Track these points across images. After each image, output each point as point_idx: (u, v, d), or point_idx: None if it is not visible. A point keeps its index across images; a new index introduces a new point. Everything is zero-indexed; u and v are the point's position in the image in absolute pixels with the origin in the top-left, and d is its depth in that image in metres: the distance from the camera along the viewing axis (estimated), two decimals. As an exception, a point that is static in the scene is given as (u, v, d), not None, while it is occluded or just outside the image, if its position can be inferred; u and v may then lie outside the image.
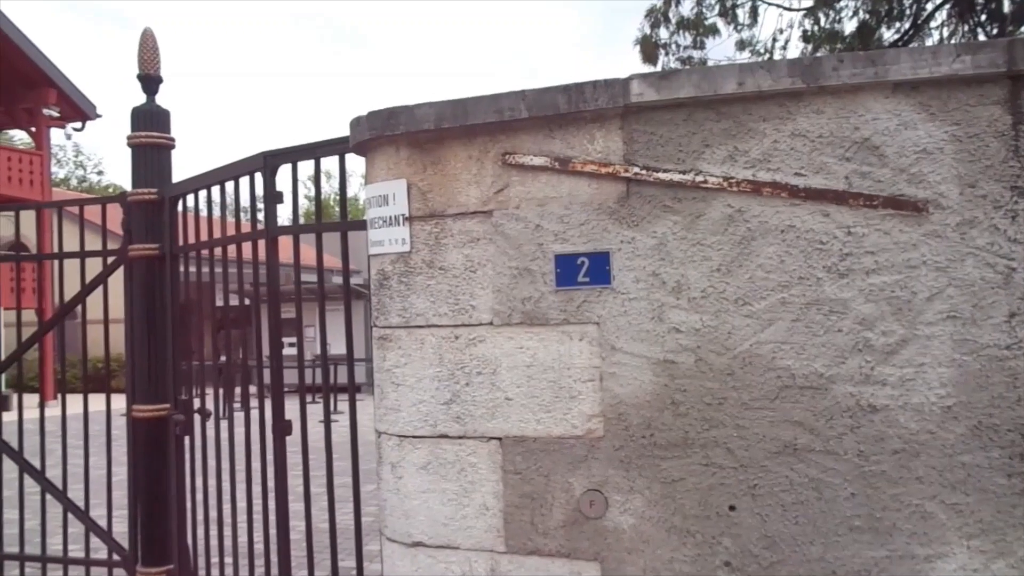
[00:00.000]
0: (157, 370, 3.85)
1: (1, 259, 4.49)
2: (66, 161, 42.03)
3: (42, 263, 3.72)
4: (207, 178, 3.59)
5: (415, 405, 2.24)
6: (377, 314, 2.36)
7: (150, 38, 3.95)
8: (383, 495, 2.34)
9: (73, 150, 42.68)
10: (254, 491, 3.26)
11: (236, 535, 3.34)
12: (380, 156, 2.33)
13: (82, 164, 44.25)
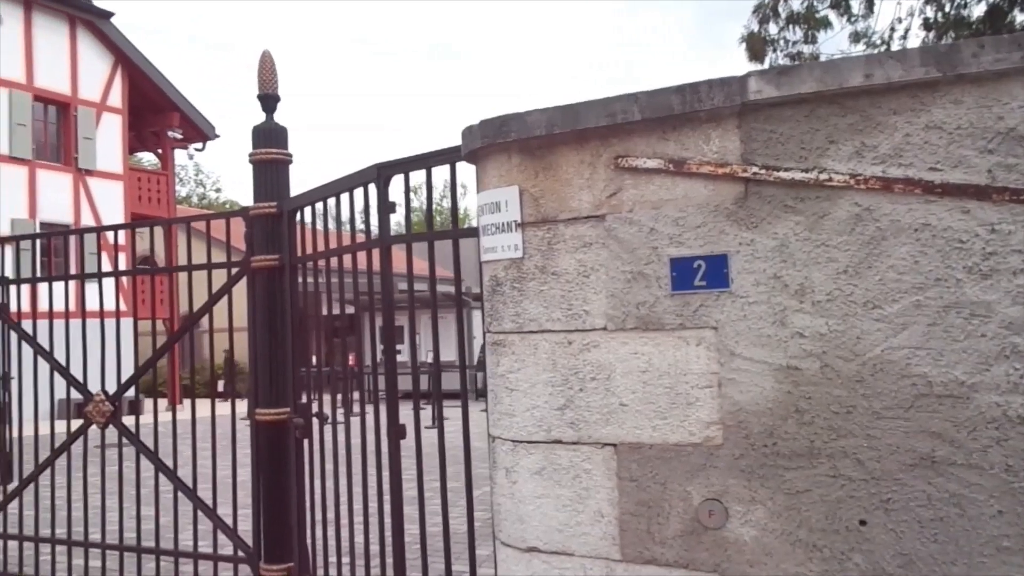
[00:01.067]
0: (278, 375, 4.02)
1: (137, 273, 4.80)
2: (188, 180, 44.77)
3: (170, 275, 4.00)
4: (323, 191, 3.72)
5: (529, 410, 2.25)
6: (490, 320, 2.38)
7: (268, 60, 4.14)
8: (497, 499, 2.35)
9: (194, 169, 45.43)
10: (369, 493, 3.36)
11: (352, 536, 3.44)
12: (492, 163, 2.35)
13: (202, 182, 47.05)
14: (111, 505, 4.73)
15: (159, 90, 18.91)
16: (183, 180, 43.48)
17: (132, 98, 18.65)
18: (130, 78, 18.46)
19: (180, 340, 4.91)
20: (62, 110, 17.25)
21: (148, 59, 18.69)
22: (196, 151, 21.42)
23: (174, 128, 19.87)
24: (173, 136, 20.21)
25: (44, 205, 16.56)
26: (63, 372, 4.76)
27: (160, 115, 19.50)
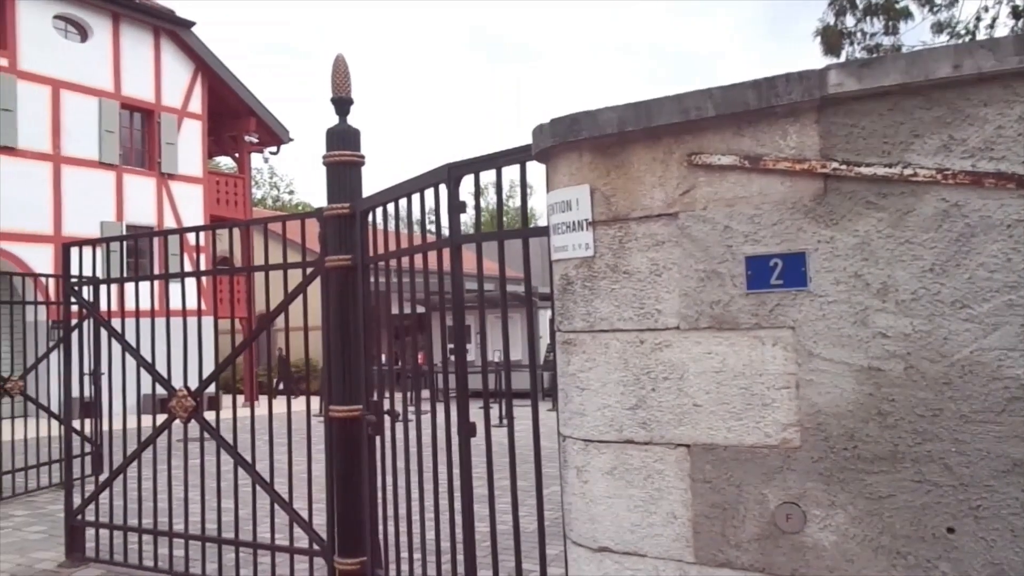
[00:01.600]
0: (350, 373, 4.11)
1: (218, 273, 4.97)
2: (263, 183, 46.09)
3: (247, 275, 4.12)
4: (394, 191, 3.78)
5: (600, 410, 2.24)
6: (560, 318, 2.38)
7: (342, 64, 4.23)
8: (568, 499, 2.35)
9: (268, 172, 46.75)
10: (439, 490, 3.39)
11: (424, 532, 3.48)
12: (563, 162, 2.35)
13: (276, 185, 48.35)
14: (193, 497, 4.91)
15: (236, 96, 19.54)
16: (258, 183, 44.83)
17: (211, 104, 19.33)
18: (209, 85, 19.14)
19: (257, 338, 5.05)
20: (147, 117, 18.01)
21: (226, 66, 19.34)
22: (271, 154, 22.07)
23: (250, 132, 20.50)
24: (249, 140, 20.86)
25: (130, 208, 17.32)
26: (149, 368, 4.96)
27: (237, 120, 20.15)
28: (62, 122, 16.21)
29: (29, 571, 5.11)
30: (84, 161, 16.56)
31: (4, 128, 15.20)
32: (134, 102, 17.62)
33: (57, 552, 5.44)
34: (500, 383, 14.11)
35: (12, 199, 15.24)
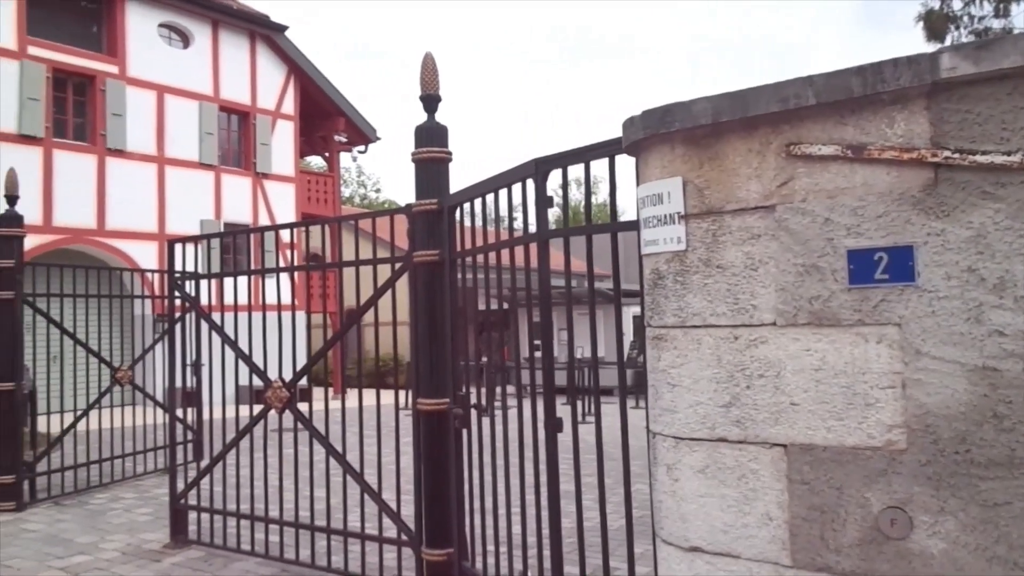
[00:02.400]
0: (438, 366, 4.16)
1: (311, 268, 5.12)
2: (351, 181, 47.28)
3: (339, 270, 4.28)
4: (482, 187, 3.81)
5: (692, 407, 2.19)
6: (651, 314, 2.34)
7: (430, 62, 4.28)
8: (657, 496, 2.32)
9: (356, 171, 47.94)
10: (525, 485, 3.40)
11: (510, 526, 3.50)
12: (654, 155, 2.31)
13: (363, 183, 49.53)
14: (286, 485, 5.08)
15: (327, 97, 20.09)
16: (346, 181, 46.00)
17: (303, 105, 19.94)
18: (301, 86, 19.75)
19: (347, 332, 5.17)
20: (243, 119, 18.74)
21: (317, 68, 19.90)
22: (359, 153, 22.57)
23: (340, 132, 21.05)
24: (339, 140, 21.41)
25: (227, 206, 18.07)
26: (247, 360, 5.16)
27: (327, 120, 20.72)
28: (166, 125, 17.04)
29: (138, 551, 5.41)
30: (185, 162, 17.36)
31: (114, 132, 16.09)
32: (231, 105, 18.35)
33: (162, 533, 5.73)
34: (584, 380, 14.06)
35: (121, 199, 16.13)
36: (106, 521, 6.28)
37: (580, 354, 12.91)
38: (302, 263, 5.45)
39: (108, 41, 16.47)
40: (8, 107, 14.59)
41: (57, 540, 5.71)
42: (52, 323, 7.23)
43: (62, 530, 6.01)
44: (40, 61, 15.04)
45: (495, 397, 3.87)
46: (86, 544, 5.58)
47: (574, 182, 3.35)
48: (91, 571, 4.94)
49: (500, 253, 3.62)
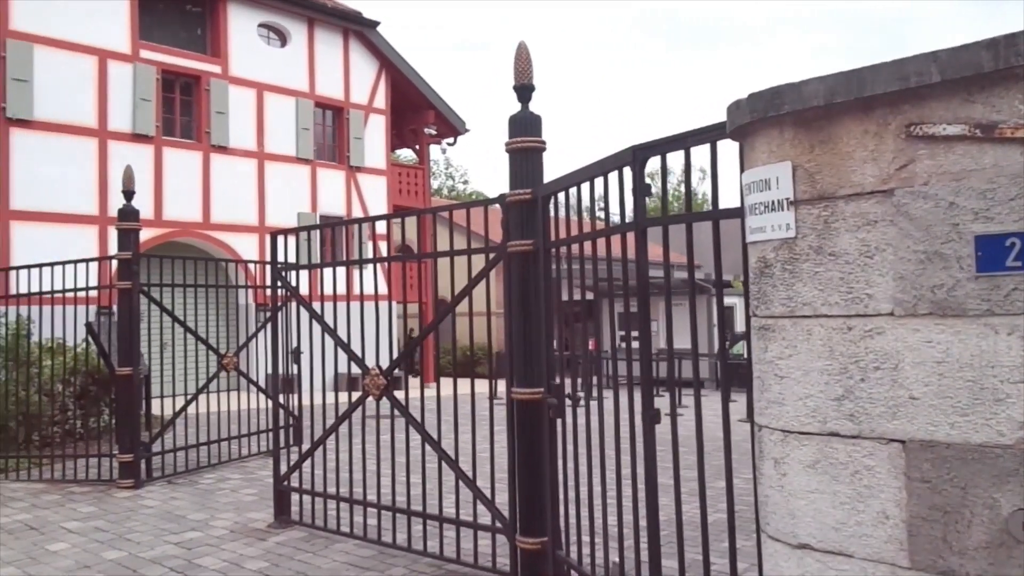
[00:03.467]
0: (532, 356, 4.17)
1: (406, 259, 5.21)
2: (439, 173, 47.94)
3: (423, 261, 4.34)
4: (576, 176, 3.79)
5: (801, 399, 2.12)
6: (757, 303, 2.27)
7: (524, 51, 4.28)
8: (763, 491, 2.25)
9: (444, 163, 48.57)
10: (620, 476, 3.37)
11: (606, 517, 3.48)
12: (761, 139, 2.24)
13: (451, 175, 50.15)
14: (382, 470, 5.21)
15: (417, 90, 20.41)
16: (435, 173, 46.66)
17: (394, 99, 20.32)
18: (392, 81, 20.12)
19: (442, 321, 5.24)
20: (337, 114, 19.25)
21: (407, 62, 20.24)
22: (448, 145, 22.84)
23: (429, 125, 21.34)
24: (428, 132, 21.71)
25: (323, 199, 18.64)
26: (345, 348, 5.31)
27: (417, 113, 21.04)
28: (265, 122, 17.69)
29: (244, 529, 5.66)
30: (283, 157, 17.98)
31: (218, 130, 16.82)
32: (326, 100, 18.88)
33: (267, 513, 5.98)
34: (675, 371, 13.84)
35: (224, 193, 16.87)
36: (215, 500, 6.60)
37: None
38: (395, 254, 5.55)
39: (212, 42, 17.20)
40: (123, 108, 15.45)
41: (171, 517, 6.04)
42: (165, 311, 7.62)
43: (175, 507, 6.35)
44: (151, 64, 15.86)
45: (590, 387, 3.85)
46: (197, 521, 5.88)
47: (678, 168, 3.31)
48: (203, 547, 5.20)
49: (596, 242, 3.59)
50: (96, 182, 15.00)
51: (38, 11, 14.39)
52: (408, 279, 16.98)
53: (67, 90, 14.67)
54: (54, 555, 5.06)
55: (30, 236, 13.91)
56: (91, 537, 5.47)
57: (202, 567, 4.76)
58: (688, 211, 2.93)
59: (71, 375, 8.54)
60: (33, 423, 8.07)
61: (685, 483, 3.14)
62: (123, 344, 7.31)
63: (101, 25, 15.22)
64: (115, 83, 15.35)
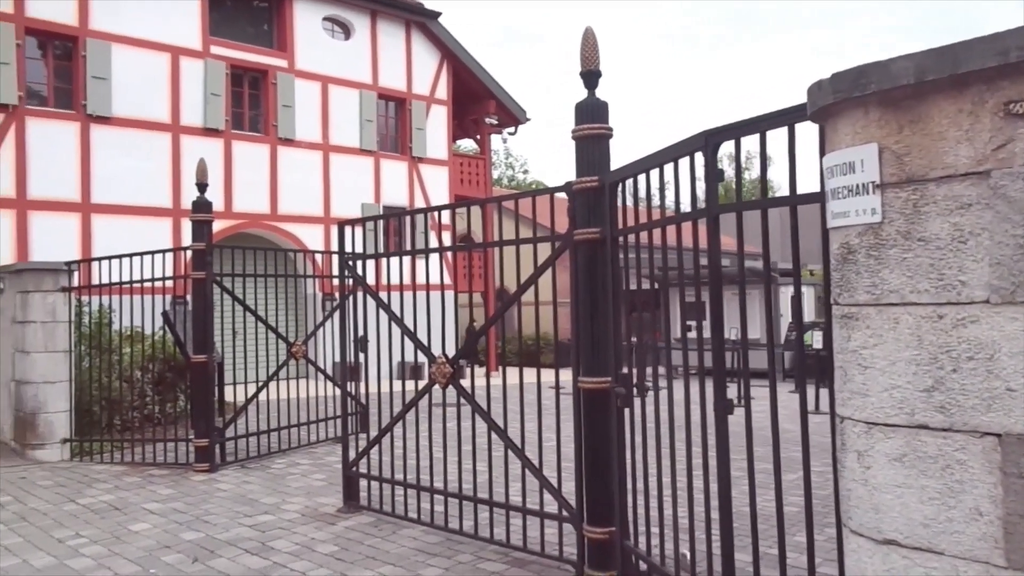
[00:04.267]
0: (599, 345, 4.14)
1: (473, 248, 5.22)
2: (498, 163, 48.00)
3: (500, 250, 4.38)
4: (645, 162, 3.73)
5: (887, 390, 2.04)
6: (839, 291, 2.20)
7: (591, 37, 4.22)
8: (846, 485, 2.18)
9: (504, 152, 48.61)
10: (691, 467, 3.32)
11: (676, 509, 3.43)
12: (844, 121, 2.16)
13: (511, 164, 50.18)
14: (442, 456, 5.26)
15: (478, 80, 20.46)
16: (495, 163, 46.77)
17: (455, 89, 20.42)
18: (454, 71, 20.21)
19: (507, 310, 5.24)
20: (399, 105, 19.45)
21: (469, 52, 20.29)
22: (509, 135, 22.83)
23: (490, 115, 21.36)
24: (489, 122, 21.74)
25: (386, 190, 18.88)
26: (412, 337, 5.36)
27: (478, 104, 21.10)
28: (330, 114, 17.99)
29: (315, 513, 5.79)
30: (347, 149, 18.27)
31: (285, 122, 17.18)
32: (389, 92, 19.09)
33: (335, 498, 6.10)
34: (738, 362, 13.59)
35: (291, 185, 17.24)
36: (286, 485, 6.77)
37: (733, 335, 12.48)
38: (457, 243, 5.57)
39: (278, 37, 17.56)
40: (194, 103, 15.92)
41: (245, 500, 6.22)
42: (236, 301, 7.84)
43: (248, 491, 6.54)
44: (220, 59, 16.28)
45: (658, 377, 3.80)
46: (270, 505, 6.04)
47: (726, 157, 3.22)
48: (275, 530, 5.34)
49: (665, 229, 3.53)
50: (170, 176, 15.51)
51: (115, 11, 14.92)
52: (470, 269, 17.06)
53: (142, 87, 15.19)
54: (136, 535, 5.27)
55: (110, 229, 14.49)
56: (170, 518, 5.67)
57: (275, 549, 4.89)
58: (764, 196, 2.85)
59: (149, 362, 8.87)
60: (114, 408, 8.41)
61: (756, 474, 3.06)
62: (197, 332, 7.54)
63: (174, 23, 15.69)
64: (187, 79, 15.82)
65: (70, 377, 8.12)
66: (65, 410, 8.06)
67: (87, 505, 6.10)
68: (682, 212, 3.39)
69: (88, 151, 14.54)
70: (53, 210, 14.13)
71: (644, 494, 3.76)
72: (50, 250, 12.84)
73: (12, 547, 5.04)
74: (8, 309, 8.43)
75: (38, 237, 13.85)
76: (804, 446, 2.67)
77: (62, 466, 7.69)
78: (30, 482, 6.93)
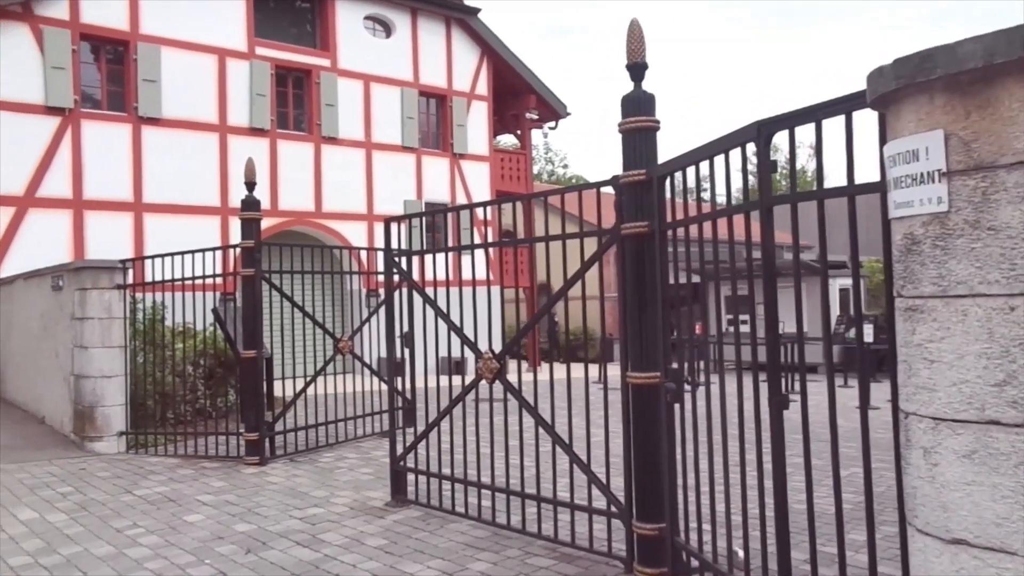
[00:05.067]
0: (647, 339, 4.10)
1: (518, 243, 5.22)
2: (538, 158, 47.92)
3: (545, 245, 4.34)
4: (695, 154, 3.68)
5: (955, 385, 1.97)
6: (903, 283, 2.13)
7: (637, 29, 4.18)
8: (911, 482, 2.12)
9: (543, 147, 48.53)
10: (744, 462, 3.27)
11: (729, 505, 3.39)
12: (907, 107, 2.09)
13: (551, 159, 50.08)
14: (488, 451, 5.27)
15: (518, 75, 20.44)
16: (535, 158, 46.72)
17: (495, 85, 20.43)
18: (494, 67, 20.22)
19: (553, 305, 5.23)
20: (440, 102, 19.54)
21: (508, 48, 20.28)
22: (550, 130, 22.79)
23: (531, 110, 21.33)
24: (530, 117, 21.71)
25: (427, 187, 18.99)
26: (459, 332, 5.38)
27: (518, 99, 21.08)
28: (372, 112, 18.15)
29: (363, 507, 5.85)
30: (389, 146, 18.41)
31: (328, 121, 17.39)
32: (430, 89, 19.19)
33: (383, 492, 6.16)
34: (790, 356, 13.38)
35: (335, 183, 17.45)
36: (334, 478, 6.85)
37: (783, 329, 12.29)
38: (503, 239, 5.57)
39: (321, 37, 17.76)
40: (240, 103, 16.20)
41: (295, 493, 6.32)
42: (285, 297, 7.96)
43: (298, 484, 6.64)
44: (265, 60, 16.54)
45: (710, 371, 3.75)
46: (319, 498, 6.13)
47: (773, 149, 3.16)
48: (325, 523, 5.41)
49: (716, 222, 3.48)
50: (217, 175, 15.81)
51: (164, 15, 15.25)
52: (508, 265, 17.04)
53: (191, 88, 15.51)
54: (191, 526, 5.39)
55: (160, 227, 14.83)
56: (223, 510, 5.79)
57: (325, 542, 4.95)
58: (819, 187, 2.78)
59: (200, 357, 9.05)
60: (167, 402, 8.61)
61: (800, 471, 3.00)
62: (247, 328, 7.68)
63: (220, 25, 15.98)
64: (233, 80, 16.11)
65: (125, 372, 8.34)
66: (121, 403, 8.28)
67: (143, 496, 6.26)
68: (734, 204, 3.34)
69: (139, 152, 14.90)
70: (107, 209, 14.52)
71: (695, 490, 3.72)
72: (105, 248, 13.18)
73: (74, 536, 5.19)
74: (67, 306, 8.69)
75: (93, 236, 14.25)
76: (864, 441, 2.60)
77: (119, 458, 7.90)
78: (89, 473, 7.14)
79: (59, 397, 9.04)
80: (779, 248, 16.20)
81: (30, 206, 13.87)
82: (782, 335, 11.32)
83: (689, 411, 3.67)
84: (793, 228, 2.93)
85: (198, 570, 4.50)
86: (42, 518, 5.64)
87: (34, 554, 4.83)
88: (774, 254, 3.03)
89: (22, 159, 13.75)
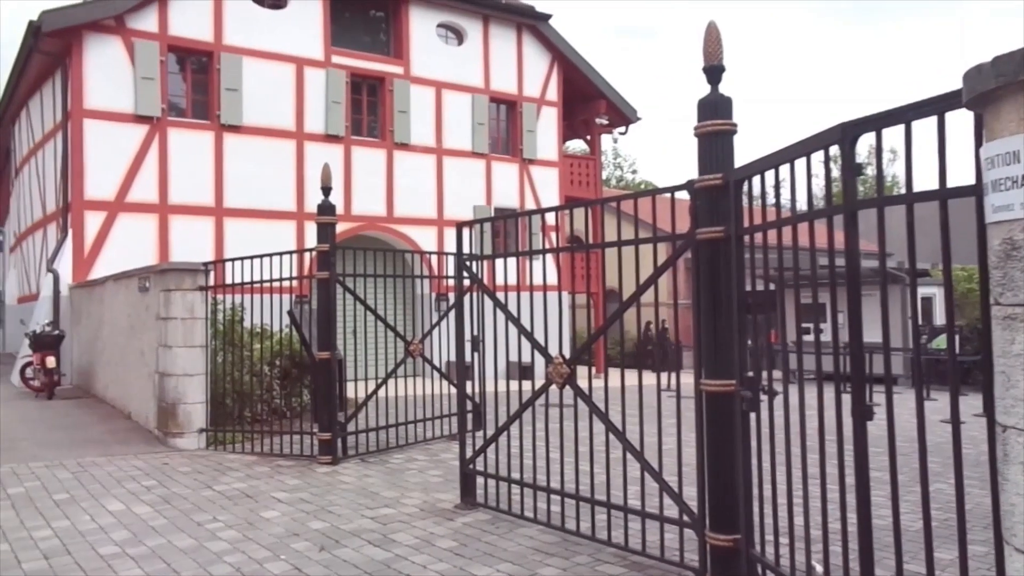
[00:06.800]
0: (722, 347, 4.03)
1: (592, 248, 5.19)
2: (607, 163, 47.67)
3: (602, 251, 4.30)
4: (774, 158, 3.60)
5: (1059, 399, 1.87)
6: (1001, 290, 2.04)
7: (714, 31, 4.11)
8: (1008, 499, 2.02)
9: (612, 152, 48.26)
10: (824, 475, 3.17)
11: (808, 519, 3.29)
12: (1007, 106, 2.00)
13: (619, 165, 49.75)
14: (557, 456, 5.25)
15: (588, 81, 20.37)
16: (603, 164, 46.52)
17: (565, 90, 20.41)
18: (564, 73, 20.22)
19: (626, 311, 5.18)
20: (510, 108, 19.64)
21: (579, 53, 20.24)
22: (620, 135, 22.63)
23: (601, 115, 21.23)
24: (600, 123, 21.62)
25: (497, 192, 19.10)
26: (529, 337, 5.38)
27: (588, 104, 21.01)
28: (443, 119, 18.38)
29: (433, 508, 5.91)
30: (460, 152, 18.60)
31: (400, 128, 17.68)
32: (500, 95, 19.30)
33: (452, 494, 6.21)
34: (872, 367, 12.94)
35: (406, 188, 17.72)
36: (404, 480, 6.94)
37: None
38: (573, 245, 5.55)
39: (395, 45, 18.09)
40: (316, 111, 16.63)
41: (366, 493, 6.43)
42: (358, 300, 8.11)
43: (369, 484, 6.75)
44: (341, 68, 16.93)
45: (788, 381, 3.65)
46: (390, 498, 6.22)
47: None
48: (396, 523, 5.48)
49: (796, 228, 3.39)
50: (294, 180, 16.26)
51: (246, 27, 15.80)
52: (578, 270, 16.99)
53: (270, 96, 16.00)
54: (267, 522, 5.54)
55: (240, 231, 15.33)
56: (298, 507, 5.93)
57: (396, 542, 5.02)
58: (909, 191, 2.68)
59: (275, 358, 9.31)
60: (245, 401, 8.88)
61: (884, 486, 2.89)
62: (321, 330, 7.86)
63: (298, 35, 16.45)
64: (310, 88, 16.55)
65: (206, 370, 8.63)
66: (202, 401, 8.57)
67: (222, 492, 6.46)
68: (817, 208, 3.25)
69: (221, 158, 15.45)
70: (190, 214, 15.09)
71: (772, 502, 3.63)
72: (188, 251, 13.70)
73: (158, 528, 5.40)
74: (153, 306, 9.06)
75: (177, 239, 14.84)
76: (956, 456, 2.49)
77: (199, 454, 8.18)
78: (172, 468, 7.41)
79: (144, 394, 9.43)
80: (862, 255, 15.70)
81: (120, 211, 14.54)
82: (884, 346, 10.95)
83: (766, 421, 3.58)
84: (880, 233, 2.83)
85: (274, 565, 4.61)
86: (128, 510, 5.88)
87: (121, 544, 5.04)
88: (859, 260, 2.94)
89: (114, 166, 14.44)
